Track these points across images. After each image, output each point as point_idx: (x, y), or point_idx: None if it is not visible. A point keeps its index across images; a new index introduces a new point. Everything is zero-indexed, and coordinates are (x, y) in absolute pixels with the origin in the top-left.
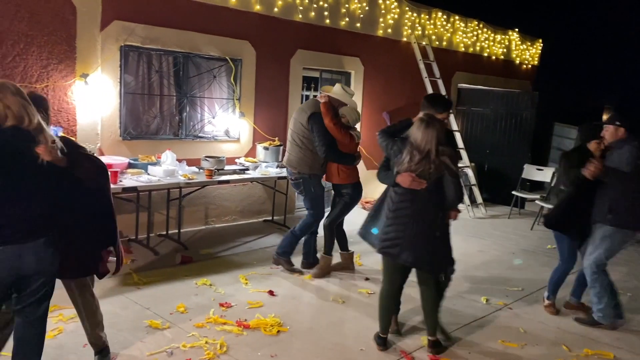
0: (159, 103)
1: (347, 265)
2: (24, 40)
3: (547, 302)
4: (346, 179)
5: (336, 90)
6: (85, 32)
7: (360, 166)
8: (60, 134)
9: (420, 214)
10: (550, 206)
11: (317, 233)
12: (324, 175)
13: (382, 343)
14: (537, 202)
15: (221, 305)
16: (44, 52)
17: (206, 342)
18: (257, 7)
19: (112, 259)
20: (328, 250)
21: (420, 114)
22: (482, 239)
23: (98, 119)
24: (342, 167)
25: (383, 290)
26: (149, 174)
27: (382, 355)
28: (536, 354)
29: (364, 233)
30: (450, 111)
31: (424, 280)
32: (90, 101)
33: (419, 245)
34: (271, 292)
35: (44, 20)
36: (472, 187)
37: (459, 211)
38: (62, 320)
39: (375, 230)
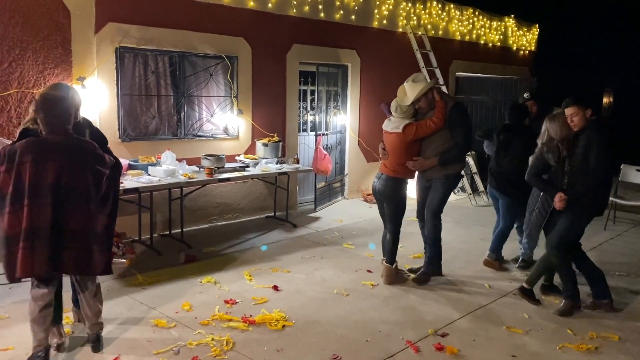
0: (157, 103)
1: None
2: (19, 45)
3: None
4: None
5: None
6: (80, 35)
7: (361, 160)
8: None
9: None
10: None
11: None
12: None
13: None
14: None
15: (226, 302)
16: (40, 56)
17: (212, 339)
18: (251, 4)
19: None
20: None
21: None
22: (484, 226)
23: (97, 122)
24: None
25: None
26: (149, 175)
27: (387, 345)
28: (541, 339)
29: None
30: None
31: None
32: (88, 104)
33: None
34: (275, 287)
35: (38, 25)
36: (474, 175)
37: None
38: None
39: None
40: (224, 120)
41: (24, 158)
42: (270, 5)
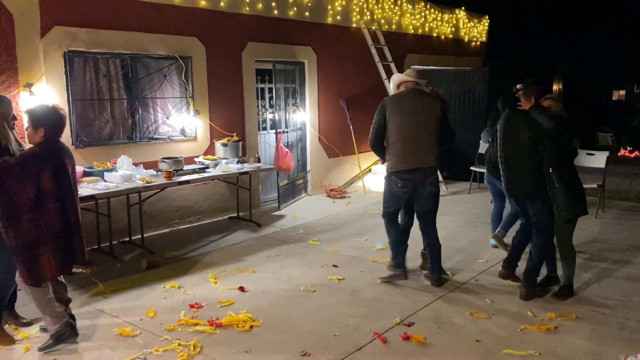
0: (110, 107)
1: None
2: None
3: None
4: None
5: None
6: (25, 40)
7: (322, 156)
8: None
9: None
10: None
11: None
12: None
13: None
14: None
15: (191, 306)
16: None
17: (179, 345)
18: (203, 3)
19: None
20: None
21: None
22: (444, 215)
23: None
24: None
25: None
26: (105, 181)
27: (355, 338)
28: (503, 322)
29: None
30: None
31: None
32: None
33: None
34: (242, 289)
35: None
36: None
37: None
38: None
39: None
40: (181, 122)
41: (43, 166)
42: (222, 3)
